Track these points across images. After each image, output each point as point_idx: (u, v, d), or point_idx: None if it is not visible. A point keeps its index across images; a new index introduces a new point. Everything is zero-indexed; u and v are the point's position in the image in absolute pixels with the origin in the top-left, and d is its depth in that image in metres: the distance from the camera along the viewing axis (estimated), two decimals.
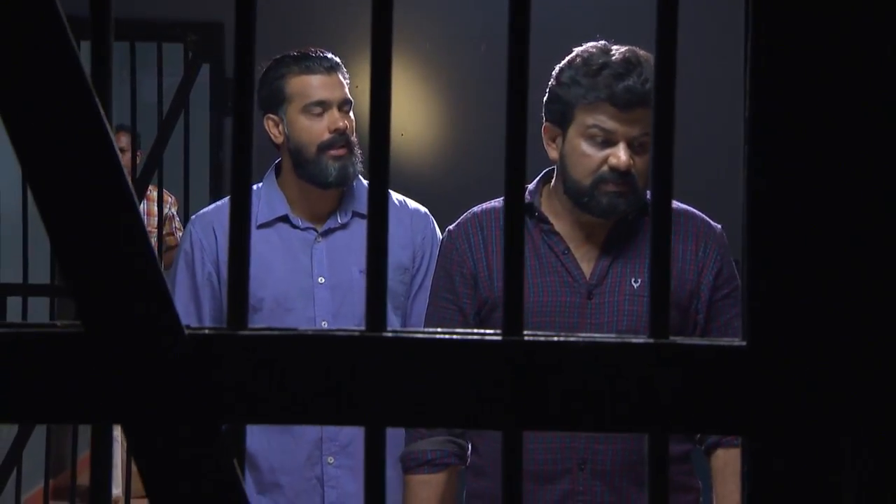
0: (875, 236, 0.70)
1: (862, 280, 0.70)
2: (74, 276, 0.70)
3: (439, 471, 1.81)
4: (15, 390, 0.69)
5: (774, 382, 0.71)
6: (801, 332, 0.70)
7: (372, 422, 0.73)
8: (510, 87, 0.73)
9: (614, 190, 1.70)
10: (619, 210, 1.73)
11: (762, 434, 0.71)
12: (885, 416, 0.68)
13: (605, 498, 1.73)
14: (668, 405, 0.72)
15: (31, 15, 0.70)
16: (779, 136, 0.71)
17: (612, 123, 1.70)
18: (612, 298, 1.76)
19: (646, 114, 1.69)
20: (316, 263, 2.14)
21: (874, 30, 0.69)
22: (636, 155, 1.71)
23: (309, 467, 2.10)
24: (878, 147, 0.70)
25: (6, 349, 0.69)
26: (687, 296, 1.78)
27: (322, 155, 2.09)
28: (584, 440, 1.72)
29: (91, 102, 0.70)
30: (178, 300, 2.16)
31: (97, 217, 0.70)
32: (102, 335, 0.70)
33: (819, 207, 0.71)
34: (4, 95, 0.70)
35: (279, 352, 0.72)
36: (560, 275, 1.78)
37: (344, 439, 2.12)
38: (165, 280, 0.71)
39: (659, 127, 0.74)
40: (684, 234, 1.80)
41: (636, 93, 1.69)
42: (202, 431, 0.71)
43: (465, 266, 1.81)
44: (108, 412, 0.71)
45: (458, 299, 1.82)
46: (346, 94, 2.13)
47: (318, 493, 2.10)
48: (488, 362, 0.72)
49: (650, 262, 0.74)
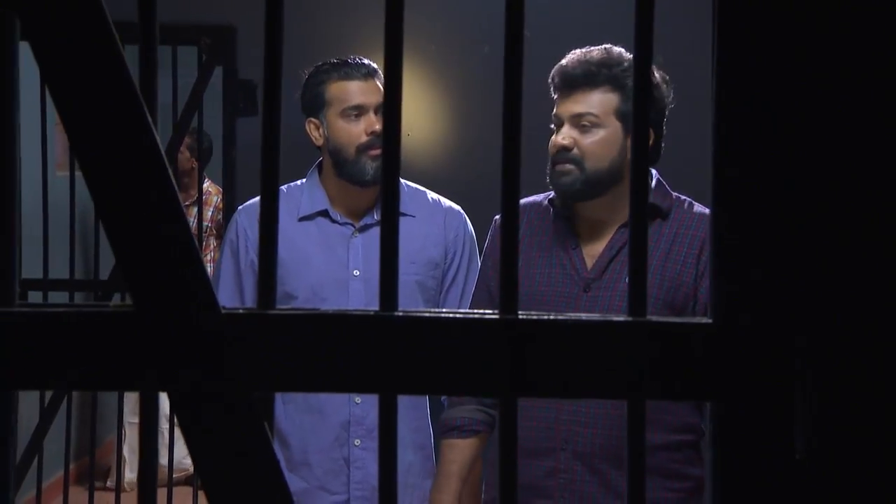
0: (826, 228, 0.80)
1: (811, 265, 0.80)
2: (126, 263, 0.80)
3: (467, 436, 1.97)
4: (74, 362, 0.80)
5: (736, 354, 0.81)
6: (758, 311, 0.80)
7: (384, 390, 0.83)
8: (506, 88, 0.83)
9: (560, 169, 1.85)
10: (571, 188, 1.86)
11: (726, 398, 0.81)
12: (826, 371, 0.78)
13: (585, 478, 1.83)
14: (645, 375, 0.82)
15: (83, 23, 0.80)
16: (744, 127, 0.81)
17: (559, 107, 1.88)
18: (606, 294, 1.87)
19: (587, 95, 1.84)
20: (352, 257, 2.26)
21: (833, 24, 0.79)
22: (581, 134, 1.85)
23: (336, 448, 2.23)
24: (836, 137, 0.80)
25: (67, 326, 0.79)
26: (682, 298, 1.86)
27: (361, 155, 2.22)
28: (565, 423, 1.84)
29: (139, 105, 0.81)
30: (223, 285, 2.28)
31: (145, 212, 0.80)
32: (150, 314, 0.81)
33: (778, 203, 0.81)
34: (62, 102, 0.80)
35: (303, 329, 0.82)
36: (564, 266, 1.90)
37: (370, 423, 2.24)
38: (205, 266, 0.81)
39: (637, 122, 0.84)
40: (691, 238, 1.88)
41: (571, 74, 1.85)
42: (237, 398, 0.81)
43: (496, 252, 1.94)
44: (155, 381, 0.82)
45: (488, 282, 1.99)
46: (381, 99, 2.23)
47: (345, 472, 2.22)
48: (487, 338, 0.82)
49: (629, 248, 0.84)
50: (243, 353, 0.81)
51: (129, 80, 0.81)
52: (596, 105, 1.83)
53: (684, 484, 1.89)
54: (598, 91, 1.83)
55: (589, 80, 1.83)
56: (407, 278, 2.21)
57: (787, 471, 0.79)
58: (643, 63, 0.84)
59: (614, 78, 1.83)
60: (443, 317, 0.82)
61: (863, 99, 0.79)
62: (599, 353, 0.82)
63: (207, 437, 0.81)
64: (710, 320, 0.82)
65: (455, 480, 1.96)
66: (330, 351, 0.82)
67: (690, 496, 1.90)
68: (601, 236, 1.90)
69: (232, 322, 0.81)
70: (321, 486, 2.23)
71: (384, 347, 0.82)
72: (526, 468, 1.84)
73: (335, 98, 2.25)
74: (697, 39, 1.37)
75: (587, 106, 1.84)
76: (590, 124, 1.85)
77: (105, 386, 0.82)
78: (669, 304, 1.85)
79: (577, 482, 1.85)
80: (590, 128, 1.85)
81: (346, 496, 2.23)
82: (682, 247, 1.87)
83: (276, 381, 0.82)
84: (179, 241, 0.81)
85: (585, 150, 1.84)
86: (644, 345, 0.82)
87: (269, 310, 0.83)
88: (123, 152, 0.81)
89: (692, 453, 1.90)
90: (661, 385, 0.83)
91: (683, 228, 1.87)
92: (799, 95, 0.80)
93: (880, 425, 0.78)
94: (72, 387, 0.81)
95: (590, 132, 1.85)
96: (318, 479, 2.22)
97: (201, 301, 0.81)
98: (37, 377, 0.80)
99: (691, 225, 1.87)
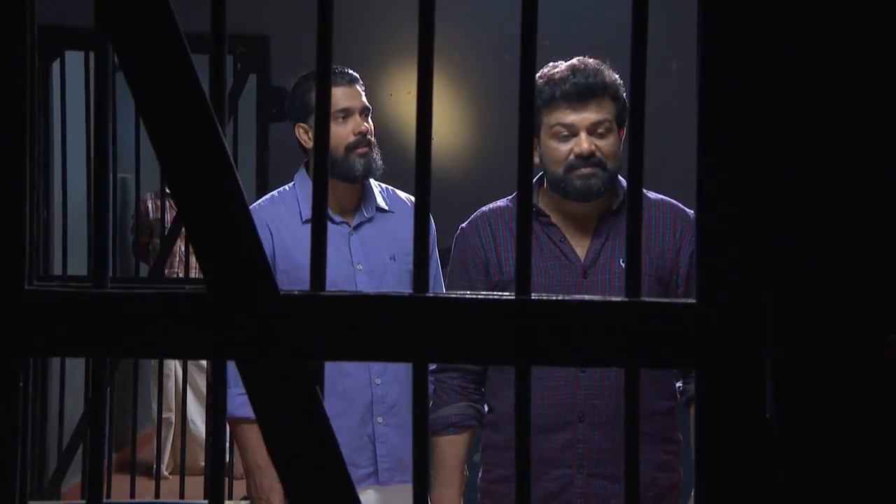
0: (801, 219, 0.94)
1: (784, 254, 0.94)
2: (202, 254, 0.96)
3: (462, 432, 2.16)
4: (161, 335, 0.95)
5: (717, 329, 0.95)
6: (737, 293, 0.95)
7: (417, 359, 0.98)
8: (522, 94, 0.98)
9: (584, 173, 2.03)
10: (595, 189, 2.05)
11: (708, 367, 0.95)
12: (788, 328, 0.93)
13: (602, 445, 2.03)
14: (639, 347, 0.97)
15: (162, 43, 0.95)
16: (727, 118, 0.95)
17: (570, 118, 2.04)
18: (604, 276, 2.05)
19: (599, 103, 2.04)
20: (354, 253, 2.47)
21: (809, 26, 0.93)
22: (599, 139, 2.04)
23: (362, 426, 2.43)
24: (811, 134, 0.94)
25: (156, 306, 0.95)
26: (667, 273, 2.08)
27: (350, 154, 2.42)
28: (583, 396, 2.03)
29: (210, 118, 0.96)
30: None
31: (216, 211, 0.96)
32: (220, 296, 0.96)
33: (754, 198, 0.95)
34: (145, 110, 0.96)
35: (349, 307, 0.97)
36: (558, 259, 2.09)
37: (390, 401, 2.45)
38: (266, 255, 0.97)
39: (633, 124, 0.99)
40: (664, 220, 2.11)
41: (583, 86, 2.03)
42: (293, 366, 0.97)
43: (477, 256, 2.15)
44: (224, 352, 0.97)
45: (472, 284, 2.16)
46: (365, 103, 2.48)
47: (370, 448, 2.43)
48: (504, 315, 0.97)
49: (626, 238, 0.99)
50: (298, 328, 0.96)
51: (201, 92, 0.96)
52: (606, 112, 2.03)
53: (673, 447, 2.11)
54: (606, 100, 2.01)
55: (601, 91, 2.03)
56: (404, 267, 2.46)
57: (758, 428, 0.94)
58: (639, 70, 0.98)
59: (613, 87, 2.01)
60: (467, 297, 0.97)
61: (817, 106, 0.93)
62: (600, 329, 0.97)
63: (269, 400, 0.97)
64: (695, 301, 0.96)
65: (458, 474, 2.16)
66: (371, 326, 0.97)
67: (676, 458, 2.12)
68: (584, 228, 2.11)
69: (289, 302, 0.97)
70: (350, 463, 2.38)
71: (416, 323, 0.97)
72: (544, 443, 2.01)
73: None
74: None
75: (603, 113, 2.04)
76: (605, 130, 2.04)
77: (184, 355, 0.97)
78: (658, 278, 2.06)
79: (594, 450, 2.03)
80: (605, 133, 2.05)
81: (373, 468, 2.43)
82: (658, 228, 2.09)
83: (326, 352, 0.98)
84: (245, 235, 0.96)
85: (606, 153, 2.04)
86: (638, 322, 0.97)
87: (320, 291, 0.98)
88: (197, 157, 0.96)
89: (674, 419, 2.10)
90: (653, 356, 0.97)
91: (654, 212, 2.10)
92: (771, 108, 0.94)
93: (836, 385, 0.92)
94: (157, 356, 0.96)
95: (605, 137, 2.05)
96: (347, 456, 2.38)
97: (263, 285, 0.96)
98: (128, 347, 0.96)
99: (658, 208, 2.10)
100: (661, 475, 2.07)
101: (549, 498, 2.04)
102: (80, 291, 0.96)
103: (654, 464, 2.05)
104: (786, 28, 0.94)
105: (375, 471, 2.43)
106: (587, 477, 2.03)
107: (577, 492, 2.04)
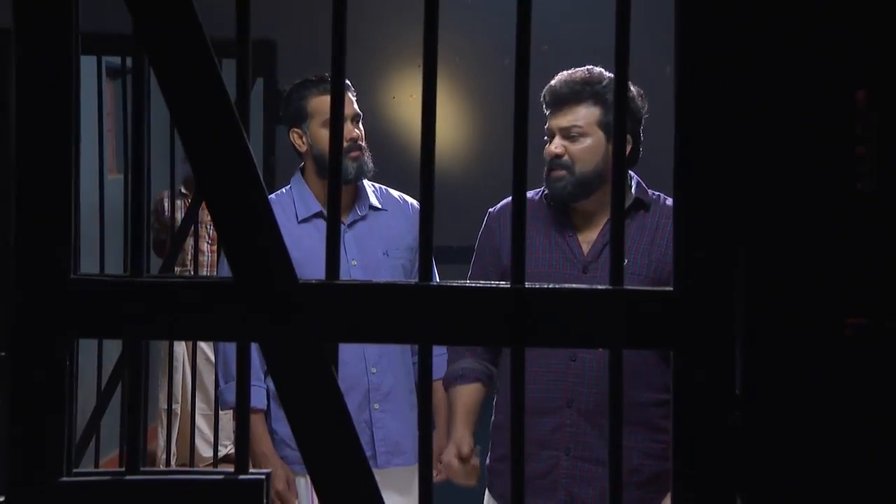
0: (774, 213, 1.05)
1: (754, 245, 1.05)
2: (229, 247, 1.06)
3: (469, 383, 2.30)
4: (194, 318, 1.06)
5: (691, 315, 1.06)
6: (709, 281, 1.05)
7: (422, 341, 1.09)
8: (517, 96, 1.09)
9: (553, 175, 2.20)
10: (564, 191, 2.19)
11: (682, 347, 1.06)
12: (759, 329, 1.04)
13: (588, 430, 2.17)
14: (622, 331, 1.08)
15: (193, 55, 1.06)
16: (701, 114, 1.06)
17: (549, 122, 2.22)
18: (603, 273, 2.16)
19: (573, 109, 2.19)
20: (348, 249, 2.63)
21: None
22: (571, 143, 2.18)
23: (359, 413, 2.59)
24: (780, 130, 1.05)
25: (187, 293, 1.06)
26: (667, 275, 2.18)
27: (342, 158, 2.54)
28: (571, 384, 2.16)
29: (236, 124, 1.07)
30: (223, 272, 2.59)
31: (243, 211, 1.06)
32: (245, 285, 1.07)
33: (727, 193, 1.06)
34: (178, 115, 1.07)
35: (361, 294, 1.08)
36: (563, 252, 2.23)
37: (386, 388, 2.63)
38: (286, 247, 1.07)
39: (617, 129, 1.10)
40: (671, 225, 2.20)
41: (558, 93, 2.19)
42: (311, 348, 1.07)
43: (492, 241, 2.31)
44: (249, 334, 1.08)
45: (485, 266, 2.32)
46: (356, 110, 2.64)
47: (368, 433, 2.60)
48: (502, 302, 1.08)
49: (609, 232, 1.10)
50: (315, 313, 1.07)
51: (228, 101, 1.07)
52: (581, 118, 2.16)
53: (666, 436, 2.20)
54: (582, 106, 2.15)
55: (574, 97, 2.17)
56: (396, 262, 2.62)
57: (727, 403, 1.05)
58: (622, 79, 1.09)
59: (596, 94, 2.14)
60: (467, 286, 1.08)
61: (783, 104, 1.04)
62: (587, 314, 1.08)
63: (289, 378, 1.08)
64: (672, 289, 1.07)
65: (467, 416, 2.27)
66: (381, 311, 1.08)
67: (667, 448, 2.18)
68: (594, 226, 2.24)
69: (306, 290, 1.08)
70: None
71: (422, 309, 1.07)
72: (536, 425, 2.13)
73: (316, 110, 2.62)
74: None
75: (574, 119, 2.18)
76: (577, 134, 2.18)
77: (212, 337, 1.08)
78: (656, 280, 2.17)
79: (580, 434, 2.16)
80: (577, 137, 2.18)
81: (372, 452, 2.59)
82: (664, 232, 2.21)
83: (340, 335, 1.08)
84: (267, 228, 1.07)
85: (574, 156, 2.18)
86: (621, 307, 1.08)
87: (335, 280, 1.09)
88: (224, 160, 1.07)
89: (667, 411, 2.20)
90: (634, 338, 1.08)
91: (664, 218, 2.22)
92: (742, 106, 1.05)
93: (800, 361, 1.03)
94: (188, 337, 1.07)
95: (577, 141, 2.18)
96: None
97: (284, 275, 1.07)
98: (162, 329, 1.07)
99: (669, 214, 2.22)
100: (647, 462, 2.19)
101: (538, 477, 2.19)
102: (118, 280, 1.07)
103: (642, 451, 2.17)
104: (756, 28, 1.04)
105: (373, 454, 2.59)
106: (573, 459, 2.18)
107: (564, 472, 2.18)
